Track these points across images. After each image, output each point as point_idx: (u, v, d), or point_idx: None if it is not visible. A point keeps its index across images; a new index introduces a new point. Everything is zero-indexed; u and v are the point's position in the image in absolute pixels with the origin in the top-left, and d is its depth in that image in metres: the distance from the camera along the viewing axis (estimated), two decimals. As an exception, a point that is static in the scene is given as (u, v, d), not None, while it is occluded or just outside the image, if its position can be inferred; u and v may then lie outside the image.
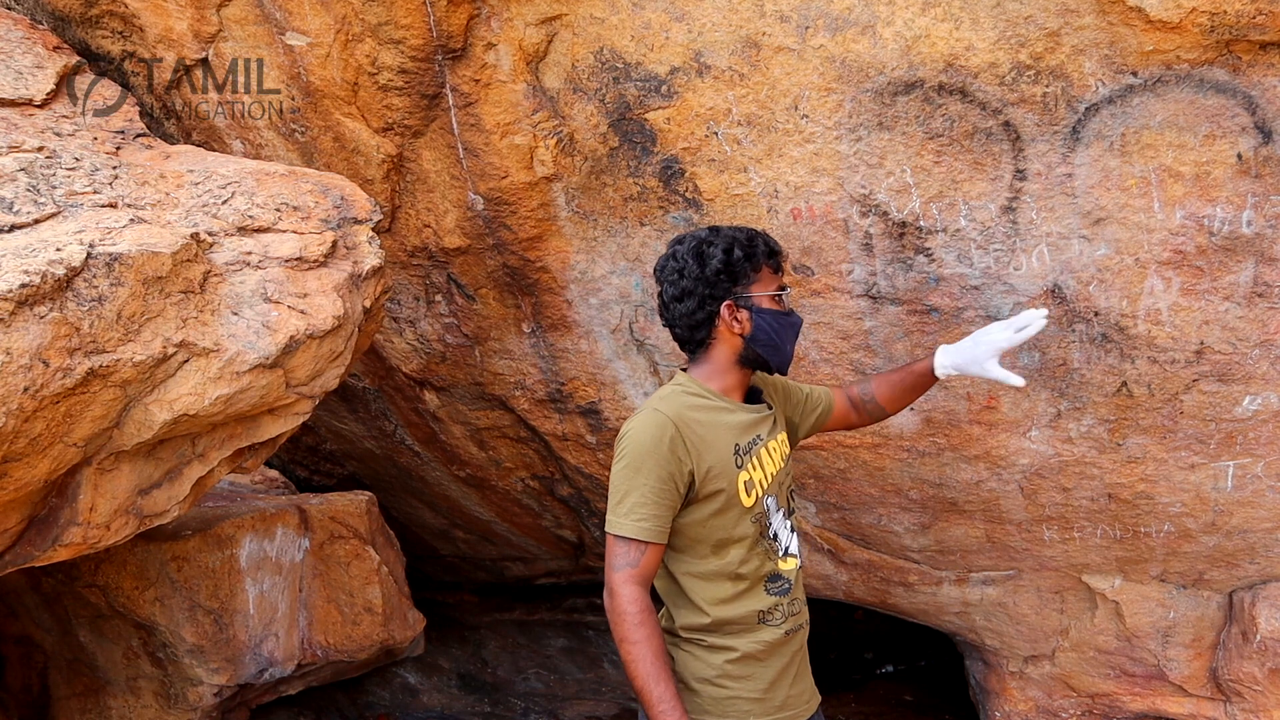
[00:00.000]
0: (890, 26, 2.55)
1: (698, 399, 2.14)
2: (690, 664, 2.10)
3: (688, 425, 2.06)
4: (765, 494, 2.15)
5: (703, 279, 2.12)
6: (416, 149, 3.24)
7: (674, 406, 2.09)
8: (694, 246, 2.14)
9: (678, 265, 2.15)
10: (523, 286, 3.40)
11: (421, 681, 5.22)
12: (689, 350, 2.20)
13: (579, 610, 6.06)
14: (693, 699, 2.08)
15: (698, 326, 2.15)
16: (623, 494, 2.03)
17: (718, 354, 2.17)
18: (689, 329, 2.15)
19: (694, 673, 2.09)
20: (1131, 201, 2.61)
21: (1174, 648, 3.45)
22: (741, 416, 2.16)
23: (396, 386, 4.06)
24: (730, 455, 2.10)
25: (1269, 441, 2.88)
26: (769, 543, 2.17)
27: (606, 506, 2.08)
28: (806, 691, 2.24)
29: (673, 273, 2.15)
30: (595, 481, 3.96)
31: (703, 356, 2.18)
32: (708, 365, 2.18)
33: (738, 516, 2.11)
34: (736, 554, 2.11)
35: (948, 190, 2.69)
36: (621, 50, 2.81)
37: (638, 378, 3.46)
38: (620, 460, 2.06)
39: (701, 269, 2.12)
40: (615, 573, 2.01)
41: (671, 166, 2.93)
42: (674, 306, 2.15)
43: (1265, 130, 2.47)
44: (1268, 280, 2.63)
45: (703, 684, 2.09)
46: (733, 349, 2.17)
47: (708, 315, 2.13)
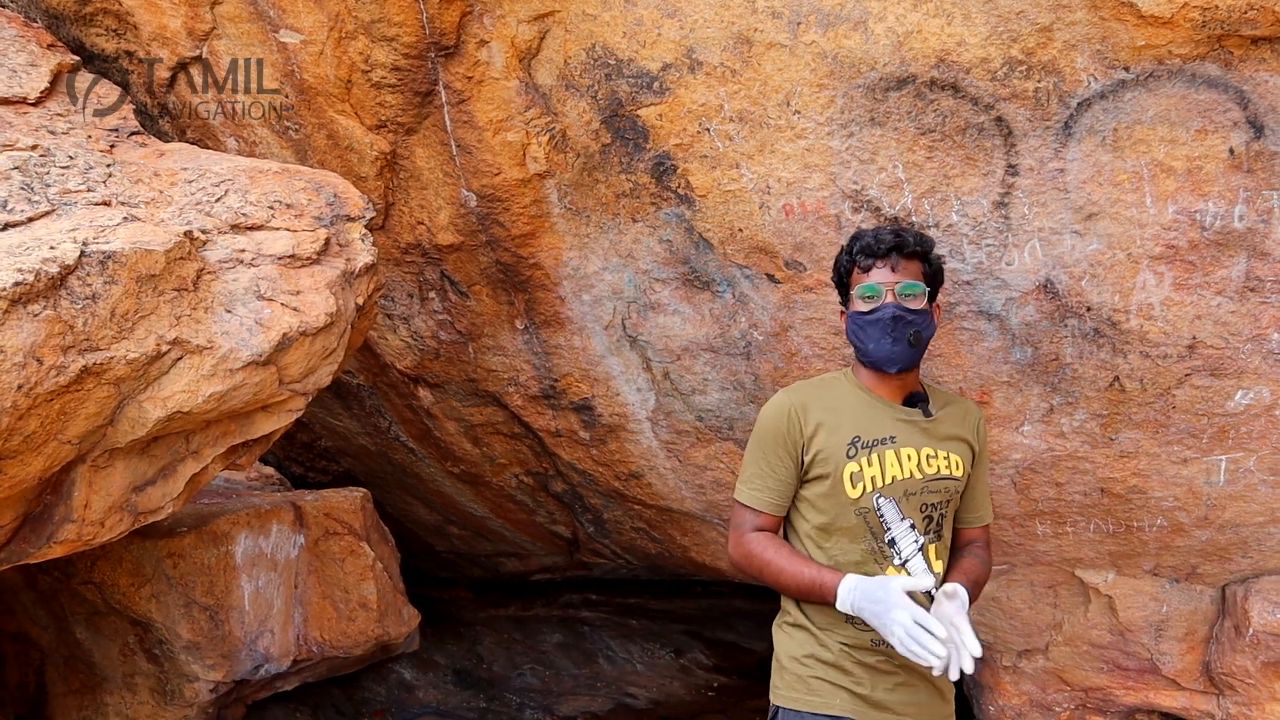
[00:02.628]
0: (882, 22, 2.56)
1: (845, 387, 2.31)
2: (785, 643, 2.24)
3: (809, 407, 2.24)
4: (878, 493, 2.19)
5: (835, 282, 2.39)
6: (410, 146, 3.24)
7: (807, 389, 2.31)
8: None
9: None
10: (516, 283, 3.41)
11: (417, 677, 5.22)
12: None
13: (574, 606, 6.07)
14: (782, 675, 2.22)
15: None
16: (747, 465, 2.27)
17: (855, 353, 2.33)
18: None
19: (786, 650, 2.23)
20: (1123, 196, 2.62)
21: (1167, 641, 3.46)
22: (881, 412, 2.26)
23: (391, 383, 4.07)
24: (845, 444, 2.20)
25: (1261, 435, 2.89)
26: (880, 545, 2.20)
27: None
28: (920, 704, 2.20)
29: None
30: (589, 477, 3.97)
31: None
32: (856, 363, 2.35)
33: (842, 506, 2.19)
34: (838, 544, 2.20)
35: (940, 186, 2.70)
36: (614, 47, 2.82)
37: (631, 374, 3.46)
38: (752, 434, 2.28)
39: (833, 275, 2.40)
40: (738, 530, 2.26)
41: (664, 163, 2.94)
42: None
43: (1257, 125, 2.48)
44: (1259, 275, 2.64)
45: (792, 662, 2.20)
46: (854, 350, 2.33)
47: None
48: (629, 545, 4.46)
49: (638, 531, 4.25)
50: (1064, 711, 3.77)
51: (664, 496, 3.85)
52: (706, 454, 3.57)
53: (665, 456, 3.66)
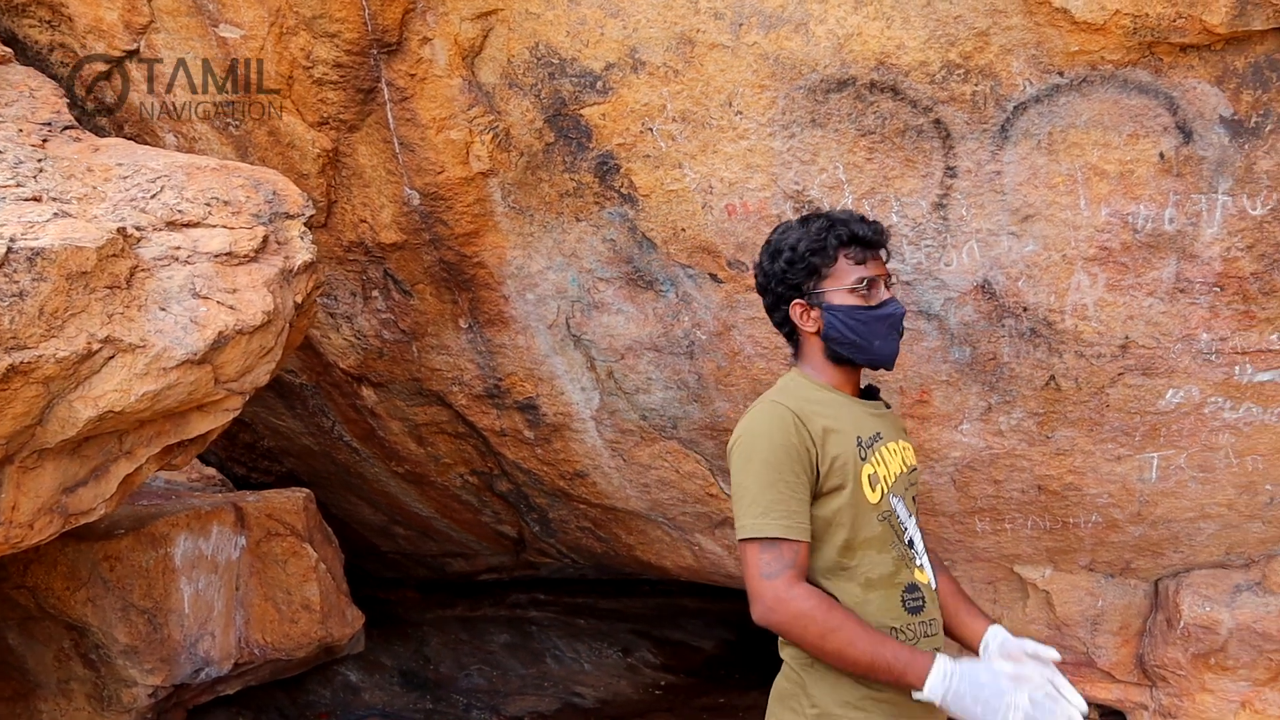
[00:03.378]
0: (823, 24, 2.58)
1: (813, 389, 2.01)
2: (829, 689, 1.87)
3: (807, 414, 1.91)
4: (890, 492, 1.99)
5: (774, 276, 2.03)
6: (352, 143, 3.21)
7: (790, 397, 1.96)
8: (773, 240, 2.05)
9: (758, 260, 2.07)
10: (460, 282, 3.39)
11: (363, 679, 5.18)
12: (791, 346, 2.12)
13: (522, 606, 6.05)
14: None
15: (781, 324, 2.08)
16: (755, 494, 1.83)
17: (809, 350, 2.06)
18: (776, 325, 2.09)
19: (837, 698, 1.86)
20: (1058, 199, 2.66)
21: (1102, 635, 3.53)
22: (859, 409, 2.03)
23: (334, 383, 4.03)
24: (854, 446, 1.94)
25: (1191, 434, 2.96)
26: (904, 548, 1.98)
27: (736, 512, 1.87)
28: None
29: (756, 267, 2.08)
30: (534, 477, 3.96)
31: (800, 353, 2.09)
32: (807, 361, 2.07)
33: (865, 513, 1.93)
34: (866, 558, 1.92)
35: (880, 187, 2.73)
36: (557, 46, 2.81)
37: (575, 373, 3.46)
38: (743, 458, 1.87)
39: (771, 265, 2.03)
40: (773, 580, 1.79)
41: (607, 162, 2.94)
42: (765, 302, 2.09)
43: (1186, 130, 2.54)
44: (1189, 276, 2.70)
45: (845, 708, 1.86)
46: (818, 346, 2.05)
47: (783, 315, 2.05)
48: (575, 544, 4.46)
49: (583, 531, 4.25)
50: (1004, 705, 3.83)
51: (609, 496, 3.85)
52: (651, 453, 3.58)
53: (610, 456, 3.67)
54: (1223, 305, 2.72)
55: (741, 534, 1.84)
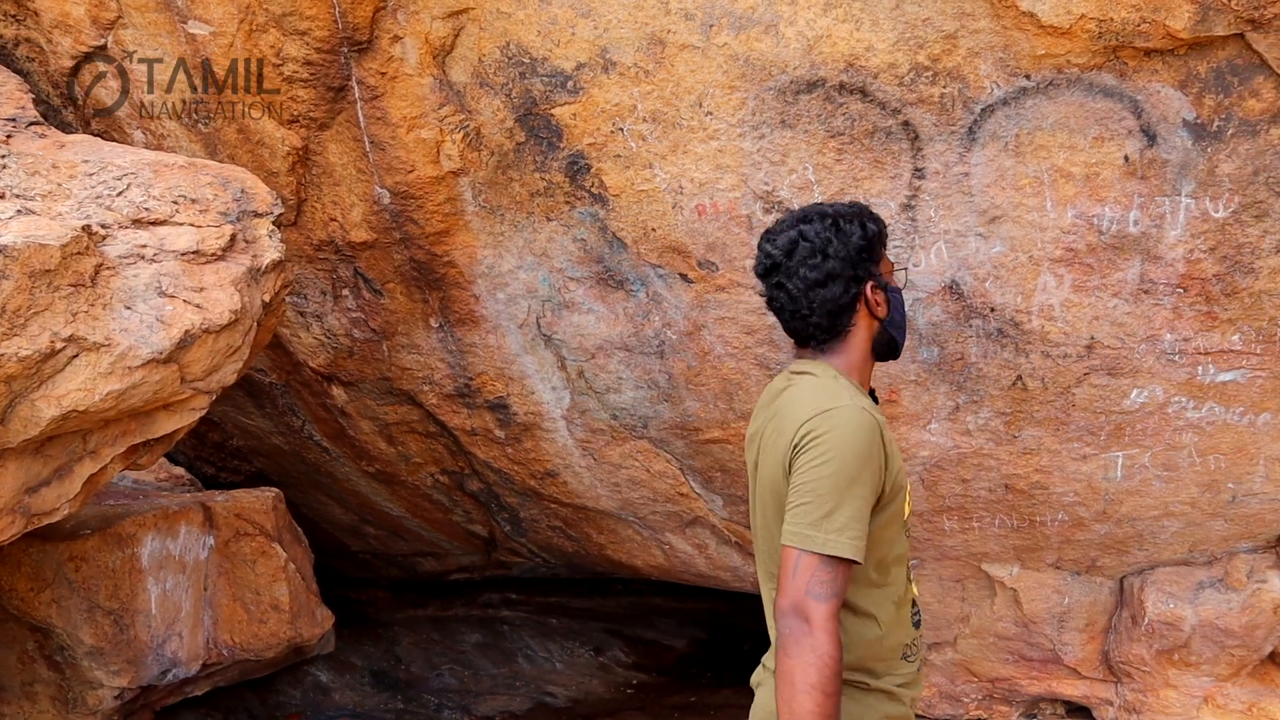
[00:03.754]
0: (792, 26, 2.59)
1: (860, 393, 1.84)
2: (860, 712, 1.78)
3: (883, 424, 1.78)
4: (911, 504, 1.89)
5: (848, 258, 1.84)
6: (323, 142, 3.20)
7: (850, 393, 1.79)
8: (830, 223, 1.86)
9: (816, 245, 1.84)
10: (430, 281, 3.38)
11: (333, 679, 5.15)
12: (819, 341, 1.89)
13: (493, 605, 6.03)
14: None
15: (841, 313, 1.85)
16: (832, 506, 1.68)
17: (855, 343, 1.88)
18: (831, 316, 1.85)
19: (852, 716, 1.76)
20: (1025, 200, 2.69)
21: (1069, 632, 3.57)
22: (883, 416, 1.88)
23: (304, 382, 4.01)
24: (902, 461, 1.84)
25: (1155, 433, 3.00)
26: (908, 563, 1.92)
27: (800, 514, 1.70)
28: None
29: (811, 254, 1.84)
30: (505, 476, 3.95)
31: (838, 348, 1.88)
32: (843, 357, 1.88)
33: (898, 530, 1.84)
34: (896, 574, 1.83)
35: (849, 188, 2.74)
36: (528, 45, 2.81)
37: (545, 372, 3.46)
38: (825, 464, 1.69)
39: (846, 245, 1.84)
40: (820, 603, 1.65)
41: (578, 162, 2.94)
42: (813, 294, 1.84)
43: (1150, 134, 2.57)
44: (1153, 278, 2.73)
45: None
46: (868, 336, 1.90)
47: (852, 299, 1.85)
48: (546, 544, 4.46)
49: (554, 530, 4.25)
50: (972, 702, 3.86)
51: (580, 495, 3.85)
52: (621, 452, 3.59)
53: (580, 455, 3.67)
54: (1186, 306, 2.76)
55: (809, 545, 1.67)
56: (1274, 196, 2.58)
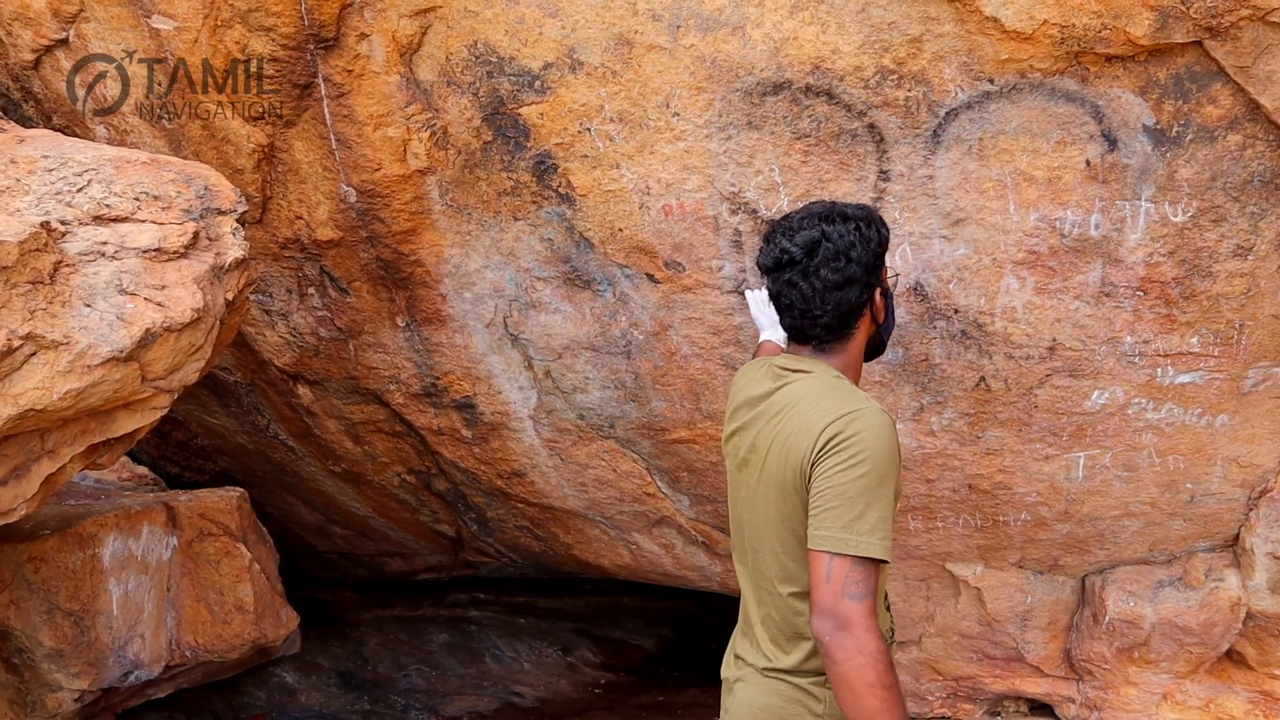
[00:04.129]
0: (759, 28, 2.60)
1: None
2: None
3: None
4: None
5: (867, 264, 1.84)
6: (288, 139, 3.18)
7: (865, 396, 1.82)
8: (854, 227, 1.84)
9: (840, 248, 1.82)
10: (397, 280, 3.36)
11: (300, 680, 5.11)
12: (822, 341, 1.88)
13: (462, 605, 6.01)
14: None
15: (851, 315, 1.85)
16: (863, 507, 1.69)
17: (854, 344, 1.90)
18: (842, 318, 1.85)
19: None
20: (989, 203, 2.71)
21: (1031, 631, 3.61)
22: None
23: (269, 380, 3.98)
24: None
25: (1115, 434, 3.04)
26: None
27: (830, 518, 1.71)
28: None
29: (835, 256, 1.81)
30: (471, 476, 3.94)
31: (838, 348, 1.89)
32: (840, 358, 1.89)
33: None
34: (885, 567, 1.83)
35: (815, 189, 2.76)
36: (495, 44, 2.81)
37: (512, 372, 3.45)
38: (856, 465, 1.70)
39: (866, 252, 1.83)
40: (857, 604, 1.67)
41: (545, 162, 2.94)
42: (830, 295, 1.82)
43: (1111, 138, 2.60)
44: (1114, 281, 2.77)
45: None
46: (865, 338, 1.92)
47: (862, 303, 1.86)
48: (513, 544, 4.45)
49: (521, 530, 4.24)
50: (936, 701, 3.89)
51: (546, 495, 3.85)
52: (588, 452, 3.59)
53: (547, 455, 3.66)
54: (1146, 309, 2.80)
55: (842, 548, 1.68)
56: (1231, 202, 2.62)
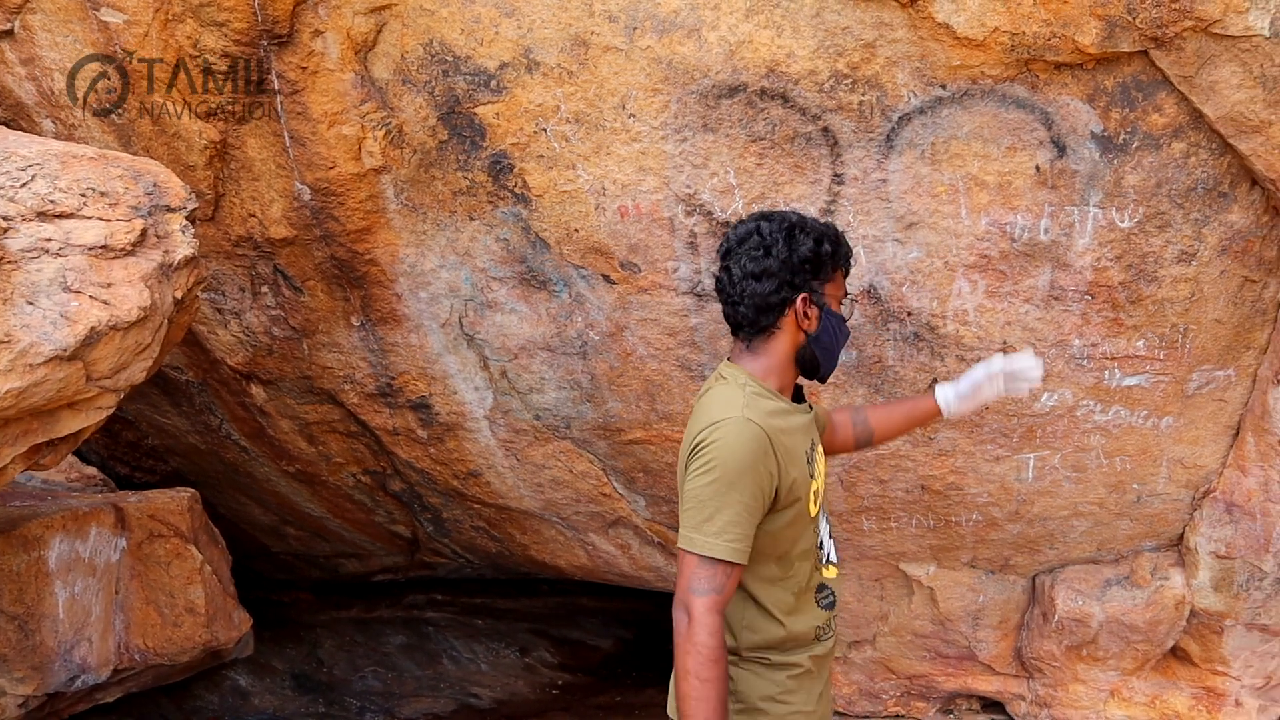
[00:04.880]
0: (715, 31, 2.61)
1: (769, 401, 1.94)
2: (755, 683, 1.94)
3: (775, 434, 1.88)
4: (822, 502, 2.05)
5: (788, 264, 1.92)
6: (241, 136, 3.14)
7: (758, 413, 1.88)
8: (785, 227, 1.95)
9: (763, 241, 1.94)
10: (351, 279, 3.34)
11: (253, 683, 5.05)
12: (745, 334, 1.98)
13: (419, 607, 5.97)
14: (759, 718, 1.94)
15: (767, 310, 1.94)
16: (712, 511, 1.81)
17: (778, 347, 1.97)
18: (756, 311, 1.94)
19: (759, 691, 1.94)
20: (941, 207, 2.74)
21: (983, 629, 3.65)
22: (799, 417, 1.99)
23: (221, 380, 3.93)
24: (805, 464, 1.96)
25: (1064, 435, 3.08)
26: (818, 551, 2.04)
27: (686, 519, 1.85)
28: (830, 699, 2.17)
29: (756, 248, 1.93)
30: (427, 476, 3.92)
31: (761, 347, 1.97)
32: (765, 359, 1.97)
33: (804, 527, 1.96)
34: (800, 567, 1.97)
35: (769, 192, 2.77)
36: (451, 43, 2.79)
37: (468, 372, 3.44)
38: (708, 472, 1.82)
39: (790, 252, 1.93)
40: (698, 598, 1.80)
41: (500, 162, 2.93)
42: (746, 284, 1.93)
43: (1060, 145, 2.64)
44: (1062, 285, 2.81)
45: (767, 702, 1.94)
46: (793, 344, 1.98)
47: (781, 302, 1.94)
48: (469, 544, 4.43)
49: (477, 530, 4.23)
50: (890, 699, 3.93)
51: (502, 495, 3.84)
52: (544, 452, 3.58)
53: (503, 455, 3.65)
54: (1094, 313, 2.84)
55: (688, 545, 1.83)
56: (1175, 208, 2.67)
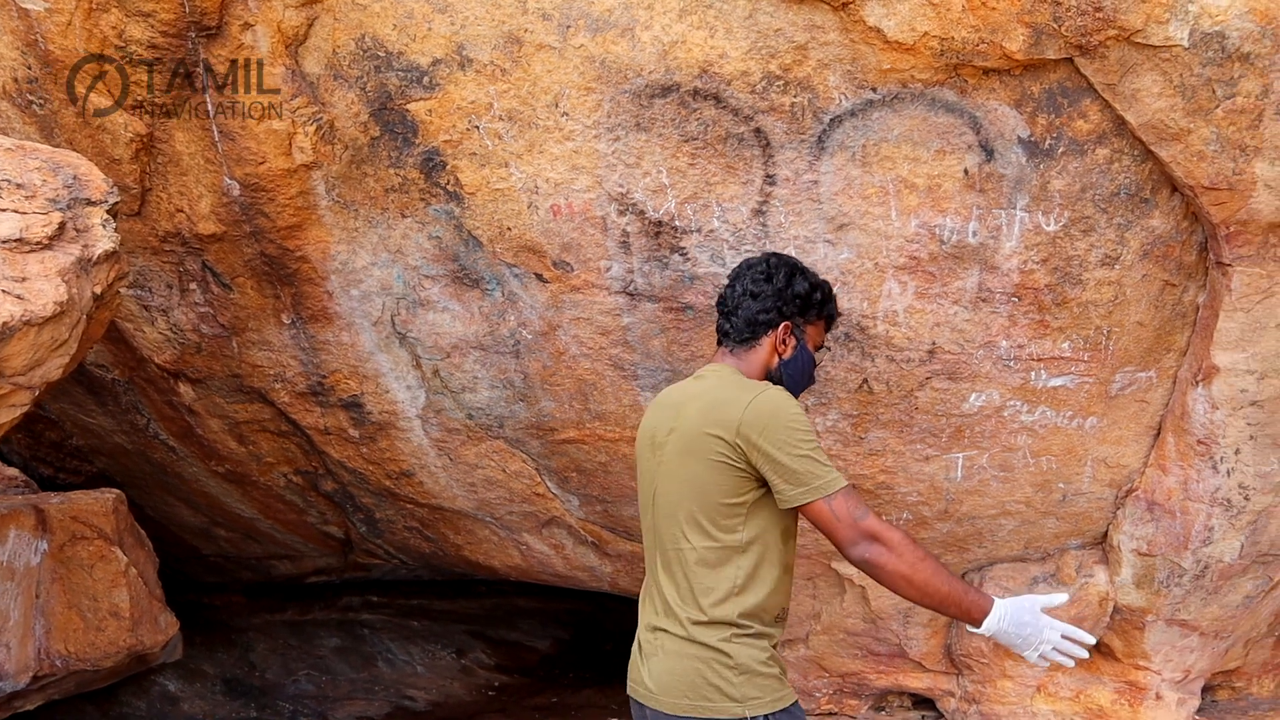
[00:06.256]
0: (649, 30, 2.62)
1: None
2: (748, 651, 2.09)
3: None
4: None
5: (782, 294, 2.27)
6: (169, 129, 3.09)
7: None
8: (790, 265, 2.31)
9: (767, 270, 2.29)
10: (282, 276, 3.29)
11: (182, 688, 4.96)
12: (731, 340, 2.28)
13: (354, 608, 5.91)
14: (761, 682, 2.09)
15: (755, 325, 2.26)
16: (818, 454, 2.07)
17: (757, 358, 2.27)
18: (747, 324, 2.26)
19: (754, 657, 2.09)
20: (871, 209, 2.78)
21: (913, 627, 3.70)
22: None
23: (149, 378, 3.85)
24: None
25: (992, 435, 3.13)
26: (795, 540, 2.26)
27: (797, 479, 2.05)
28: None
29: (760, 274, 2.28)
30: (359, 476, 3.88)
31: (744, 354, 2.28)
32: (746, 365, 2.27)
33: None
34: (789, 545, 2.19)
35: (702, 192, 2.79)
36: (384, 39, 2.77)
37: (400, 371, 3.41)
38: (794, 426, 2.06)
39: (787, 285, 2.28)
40: (868, 519, 2.06)
41: (433, 159, 2.91)
42: (744, 300, 2.27)
43: (988, 149, 2.69)
44: (990, 287, 2.86)
45: (763, 665, 2.10)
46: (767, 362, 2.28)
47: (766, 322, 2.26)
48: (403, 545, 4.39)
49: (411, 531, 4.19)
50: (823, 697, 3.96)
51: (436, 495, 3.81)
52: (477, 452, 3.56)
53: (436, 455, 3.63)
54: (1020, 314, 2.89)
55: (826, 489, 2.04)
56: (1099, 213, 2.73)
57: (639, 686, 2.19)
